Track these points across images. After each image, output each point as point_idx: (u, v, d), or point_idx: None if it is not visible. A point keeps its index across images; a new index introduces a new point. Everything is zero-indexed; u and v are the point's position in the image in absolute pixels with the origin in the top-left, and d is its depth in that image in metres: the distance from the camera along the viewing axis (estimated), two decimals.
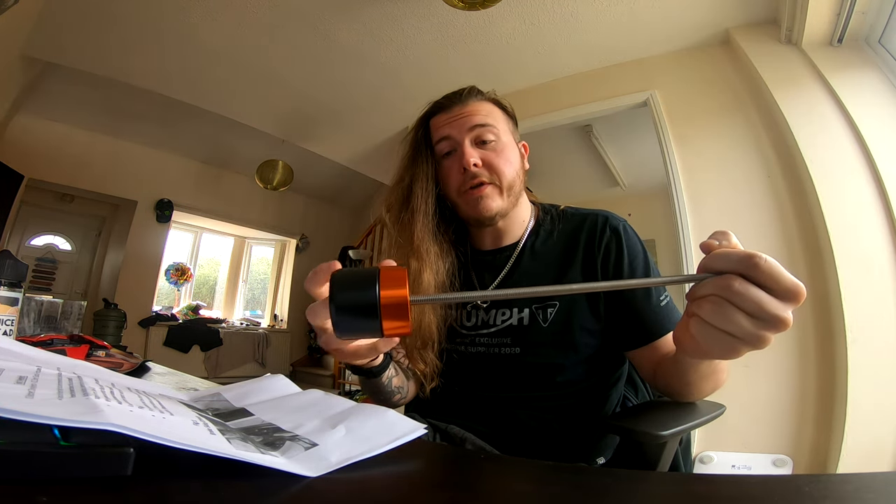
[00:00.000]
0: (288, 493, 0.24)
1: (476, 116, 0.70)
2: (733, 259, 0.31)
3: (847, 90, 1.74)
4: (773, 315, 0.30)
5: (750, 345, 0.32)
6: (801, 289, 0.30)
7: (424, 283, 0.67)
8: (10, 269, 0.64)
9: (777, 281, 0.30)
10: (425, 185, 0.71)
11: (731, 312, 0.31)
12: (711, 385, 0.58)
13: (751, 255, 0.30)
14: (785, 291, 0.30)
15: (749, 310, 0.31)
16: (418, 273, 0.67)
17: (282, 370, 2.57)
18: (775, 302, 0.30)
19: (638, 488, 0.31)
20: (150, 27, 2.29)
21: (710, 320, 0.33)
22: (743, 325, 0.31)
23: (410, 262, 0.68)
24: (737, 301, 0.31)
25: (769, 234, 1.86)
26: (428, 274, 0.68)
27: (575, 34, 2.24)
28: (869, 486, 0.28)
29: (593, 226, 0.70)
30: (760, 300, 0.30)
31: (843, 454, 1.48)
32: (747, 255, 0.31)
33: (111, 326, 3.56)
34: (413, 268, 0.68)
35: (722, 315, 0.32)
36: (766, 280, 0.30)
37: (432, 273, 0.68)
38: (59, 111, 3.45)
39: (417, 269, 0.67)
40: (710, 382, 0.57)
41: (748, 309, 0.31)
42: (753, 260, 0.30)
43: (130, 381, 0.40)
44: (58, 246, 3.79)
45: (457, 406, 0.70)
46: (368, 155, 3.78)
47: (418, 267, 0.68)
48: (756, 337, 0.31)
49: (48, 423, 0.21)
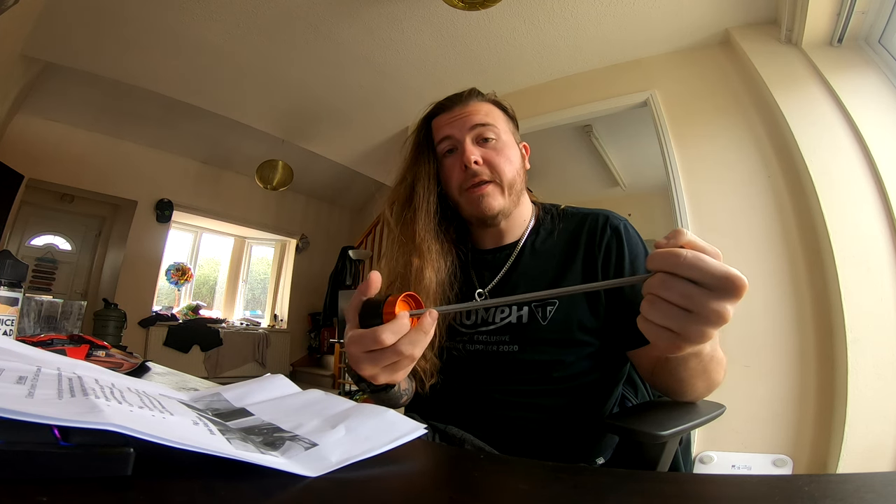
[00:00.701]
0: (288, 493, 0.24)
1: (476, 116, 0.72)
2: (657, 258, 0.32)
3: (847, 90, 1.73)
4: (703, 307, 0.31)
5: (689, 339, 0.33)
6: (731, 279, 0.31)
7: (426, 280, 0.68)
8: (10, 269, 0.65)
9: (702, 272, 0.31)
10: (427, 184, 0.72)
11: (663, 307, 0.33)
12: (705, 384, 0.57)
13: (673, 252, 0.31)
14: (714, 283, 0.31)
15: (679, 304, 0.32)
16: (420, 270, 0.68)
17: (282, 370, 2.57)
18: (703, 295, 0.31)
19: (638, 488, 0.31)
20: (151, 27, 2.29)
21: (647, 316, 0.34)
22: (675, 319, 0.32)
23: (412, 260, 0.69)
24: (665, 296, 0.32)
25: (769, 234, 1.86)
26: (429, 271, 0.68)
27: (575, 34, 2.24)
28: (869, 486, 0.28)
29: (594, 225, 0.71)
30: (687, 294, 0.31)
31: (843, 454, 1.48)
32: (669, 253, 0.31)
33: (111, 326, 3.57)
34: (415, 265, 0.68)
35: (655, 310, 0.33)
36: (692, 273, 0.31)
37: (433, 270, 0.69)
38: (59, 111, 3.45)
39: (419, 267, 0.68)
40: (703, 381, 0.56)
41: (678, 303, 0.32)
42: (674, 257, 0.31)
43: (130, 381, 0.40)
44: (58, 246, 3.79)
45: (456, 406, 0.70)
46: (368, 155, 3.78)
47: (420, 264, 0.68)
48: (693, 331, 0.32)
49: (48, 423, 0.21)
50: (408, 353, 0.44)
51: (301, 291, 5.06)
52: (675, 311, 0.32)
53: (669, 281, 0.32)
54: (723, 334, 1.50)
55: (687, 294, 0.31)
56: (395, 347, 0.43)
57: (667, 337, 0.34)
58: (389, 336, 0.43)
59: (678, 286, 0.31)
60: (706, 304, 0.31)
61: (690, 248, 0.33)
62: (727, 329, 1.32)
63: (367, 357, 0.44)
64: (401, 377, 0.48)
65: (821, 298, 1.70)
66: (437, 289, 0.69)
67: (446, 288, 0.71)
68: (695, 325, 0.32)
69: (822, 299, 1.70)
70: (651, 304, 0.33)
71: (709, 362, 0.53)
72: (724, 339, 1.91)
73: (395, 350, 0.43)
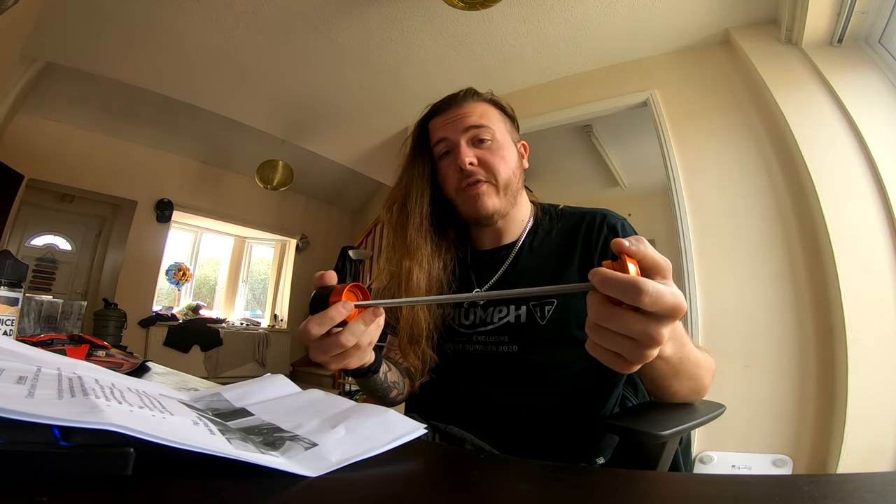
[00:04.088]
0: (288, 493, 0.24)
1: (471, 117, 0.72)
2: (615, 286, 0.31)
3: (847, 90, 1.73)
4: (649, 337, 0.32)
5: (636, 362, 0.33)
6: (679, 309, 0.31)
7: (414, 282, 0.69)
8: (10, 269, 0.65)
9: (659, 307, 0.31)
10: (420, 187, 0.73)
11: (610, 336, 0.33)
12: (688, 385, 0.55)
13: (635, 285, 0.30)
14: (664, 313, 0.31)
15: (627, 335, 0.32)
16: (409, 272, 0.69)
17: (282, 370, 2.57)
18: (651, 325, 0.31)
19: (638, 488, 0.31)
20: (151, 27, 2.29)
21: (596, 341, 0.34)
22: (622, 346, 0.33)
23: (403, 262, 0.70)
24: (614, 328, 0.33)
25: (769, 234, 1.86)
26: (418, 273, 0.70)
27: (575, 34, 2.24)
28: (869, 486, 0.28)
29: (591, 223, 0.71)
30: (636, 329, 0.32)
31: (843, 454, 1.48)
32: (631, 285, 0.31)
33: (111, 326, 3.56)
34: (405, 267, 0.70)
35: (604, 339, 0.33)
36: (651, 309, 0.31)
37: (423, 273, 0.70)
38: (59, 111, 3.45)
39: (409, 269, 0.69)
40: (679, 383, 0.54)
41: (626, 334, 0.32)
42: (636, 293, 0.30)
43: (130, 381, 0.40)
44: (58, 246, 3.79)
45: (456, 406, 0.70)
46: (368, 155, 3.78)
47: (410, 266, 0.70)
48: (638, 356, 0.33)
49: (48, 423, 0.21)
50: (349, 343, 0.45)
51: (301, 291, 5.05)
52: (621, 339, 0.33)
53: (619, 316, 0.32)
54: (723, 334, 1.51)
55: (637, 330, 0.31)
56: (335, 339, 0.45)
57: (616, 361, 0.34)
58: (316, 328, 0.44)
59: (628, 322, 0.32)
60: (652, 333, 0.31)
61: (649, 264, 0.33)
62: (727, 329, 1.33)
63: (314, 346, 0.46)
64: (353, 364, 0.50)
65: (821, 298, 1.70)
66: (427, 290, 0.70)
67: (444, 288, 0.71)
68: (639, 351, 0.32)
69: (822, 299, 1.70)
70: (598, 333, 0.34)
71: (679, 364, 0.50)
72: (725, 339, 1.90)
73: (337, 342, 0.45)
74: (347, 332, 0.45)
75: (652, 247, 0.34)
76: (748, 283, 1.85)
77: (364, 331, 0.46)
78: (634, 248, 0.33)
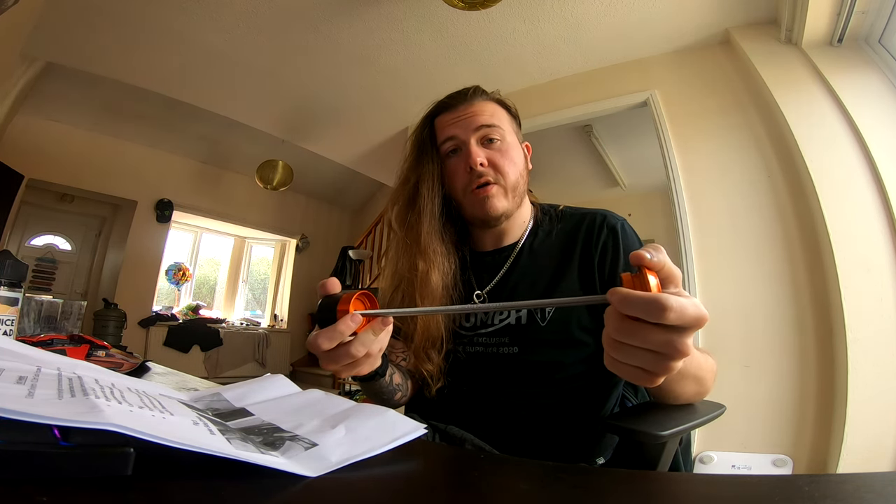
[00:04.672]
0: (288, 493, 0.24)
1: (482, 116, 0.71)
2: (638, 305, 0.30)
3: (847, 90, 1.73)
4: (674, 349, 0.30)
5: (661, 374, 0.32)
6: (702, 320, 0.30)
7: (432, 284, 0.67)
8: (10, 269, 0.64)
9: (682, 321, 0.30)
10: (432, 186, 0.71)
11: (632, 351, 0.32)
12: (692, 388, 0.56)
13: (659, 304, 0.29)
14: (688, 325, 0.30)
15: (651, 349, 0.31)
16: (426, 274, 0.68)
17: (282, 370, 2.57)
18: (675, 338, 0.30)
19: (638, 488, 0.31)
20: (150, 27, 2.29)
21: (618, 358, 0.33)
22: (646, 360, 0.32)
23: (418, 263, 0.68)
24: (638, 344, 0.31)
25: (769, 234, 1.86)
26: (435, 274, 0.68)
27: (575, 34, 2.24)
28: (869, 486, 0.28)
29: (591, 224, 0.70)
30: (661, 341, 0.31)
31: (843, 454, 1.48)
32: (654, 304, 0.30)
33: (111, 326, 3.56)
34: (421, 269, 0.68)
35: (626, 355, 0.32)
36: (675, 323, 0.30)
37: (439, 273, 0.68)
38: (59, 111, 3.45)
39: (425, 271, 0.68)
40: (685, 386, 0.54)
41: (651, 349, 0.31)
42: (660, 310, 0.29)
43: (130, 381, 0.40)
44: (58, 246, 3.79)
45: (457, 406, 0.70)
46: (368, 155, 3.78)
47: (426, 268, 0.68)
48: (664, 368, 0.32)
49: (48, 423, 0.21)
50: (359, 354, 0.45)
51: (301, 291, 5.06)
52: (643, 353, 0.32)
53: (640, 330, 0.31)
54: (723, 334, 1.51)
55: (660, 342, 0.30)
56: (346, 350, 0.44)
57: (641, 375, 0.33)
58: (326, 342, 0.43)
59: (650, 335, 0.30)
60: (677, 345, 0.30)
61: (666, 274, 0.32)
62: (727, 329, 1.33)
63: (323, 356, 0.45)
64: (364, 371, 0.49)
65: (821, 298, 1.70)
66: (443, 292, 0.68)
67: (451, 290, 0.70)
68: (664, 363, 0.31)
69: (822, 299, 1.70)
70: (618, 349, 0.33)
71: (684, 368, 0.51)
72: (724, 339, 1.90)
73: (347, 352, 0.44)
74: (358, 343, 0.44)
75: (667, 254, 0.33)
76: (748, 283, 1.85)
77: (374, 340, 0.46)
78: (655, 258, 0.32)
